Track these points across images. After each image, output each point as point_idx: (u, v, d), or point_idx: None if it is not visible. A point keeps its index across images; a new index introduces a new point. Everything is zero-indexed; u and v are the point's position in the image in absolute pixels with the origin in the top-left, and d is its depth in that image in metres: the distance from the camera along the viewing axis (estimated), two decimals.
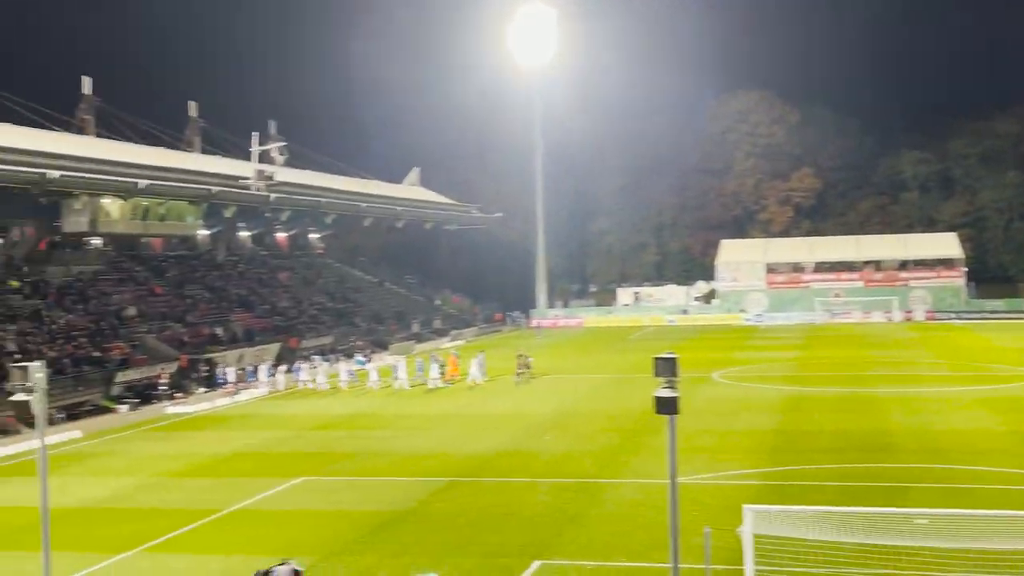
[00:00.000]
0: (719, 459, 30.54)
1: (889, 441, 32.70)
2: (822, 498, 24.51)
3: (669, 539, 15.94)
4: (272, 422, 42.52)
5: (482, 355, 54.22)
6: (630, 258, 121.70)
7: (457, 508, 25.92)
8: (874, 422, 36.39)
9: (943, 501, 24.14)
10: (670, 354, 15.27)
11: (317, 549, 22.52)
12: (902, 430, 34.65)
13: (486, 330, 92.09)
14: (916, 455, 30.23)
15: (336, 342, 70.63)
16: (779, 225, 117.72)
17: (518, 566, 20.74)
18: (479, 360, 52.94)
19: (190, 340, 59.06)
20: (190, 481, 30.89)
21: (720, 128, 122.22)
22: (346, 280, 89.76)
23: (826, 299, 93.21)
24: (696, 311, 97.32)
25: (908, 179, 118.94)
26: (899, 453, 30.70)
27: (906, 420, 36.64)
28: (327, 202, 78.29)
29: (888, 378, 48.95)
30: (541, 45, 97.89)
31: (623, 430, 36.63)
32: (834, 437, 33.78)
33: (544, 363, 55.66)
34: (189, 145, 79.66)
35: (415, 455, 33.58)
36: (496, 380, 52.67)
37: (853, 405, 40.55)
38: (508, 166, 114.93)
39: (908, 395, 42.80)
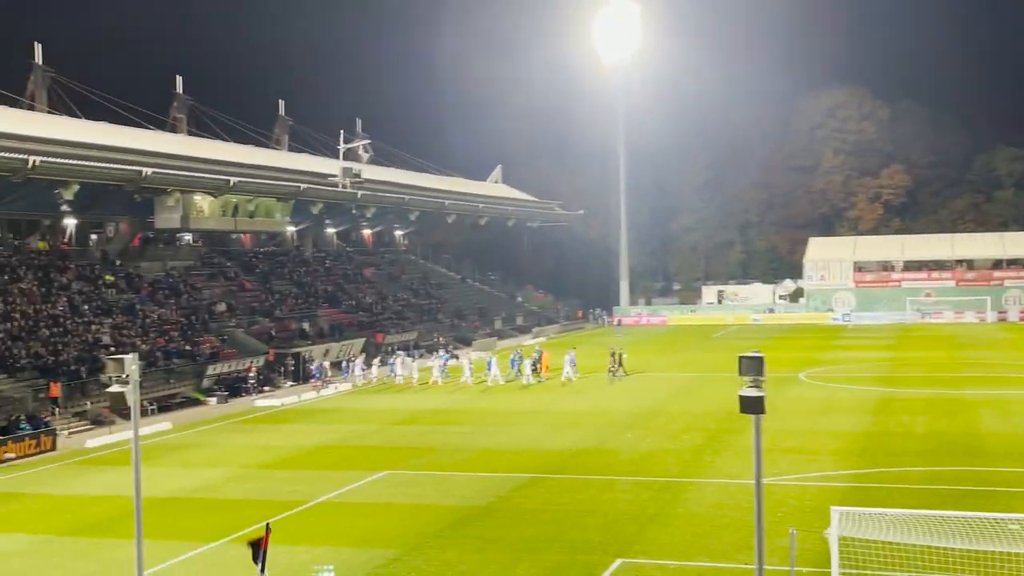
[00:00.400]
0: (805, 460, 30.10)
1: (980, 444, 31.89)
2: (910, 501, 24.05)
3: (754, 540, 15.75)
4: (357, 416, 43.06)
5: (573, 352, 54.14)
6: (714, 256, 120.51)
7: (538, 504, 25.96)
8: (965, 425, 35.52)
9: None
10: (756, 352, 15.09)
11: (399, 542, 22.75)
12: (993, 433, 33.78)
13: (568, 327, 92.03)
14: (1008, 459, 29.44)
15: (419, 338, 71.26)
16: (868, 223, 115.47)
17: (600, 564, 20.70)
18: (570, 357, 52.87)
19: (278, 334, 60.11)
20: (277, 473, 31.45)
21: (808, 124, 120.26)
22: (429, 276, 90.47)
23: (916, 298, 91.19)
24: (782, 310, 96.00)
25: (1003, 176, 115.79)
26: (990, 457, 29.92)
27: (998, 423, 35.71)
28: (411, 199, 79.02)
29: (980, 380, 47.73)
30: (624, 41, 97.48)
31: (706, 429, 36.31)
32: (924, 439, 33.07)
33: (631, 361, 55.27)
34: (277, 143, 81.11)
35: (497, 450, 33.72)
36: (587, 377, 52.50)
37: (943, 407, 39.62)
38: (590, 163, 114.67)
39: (1000, 398, 41.69)
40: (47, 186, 49.99)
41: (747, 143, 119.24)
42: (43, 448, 37.06)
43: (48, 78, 61.60)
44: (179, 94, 72.13)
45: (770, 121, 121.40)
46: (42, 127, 52.77)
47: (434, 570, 20.68)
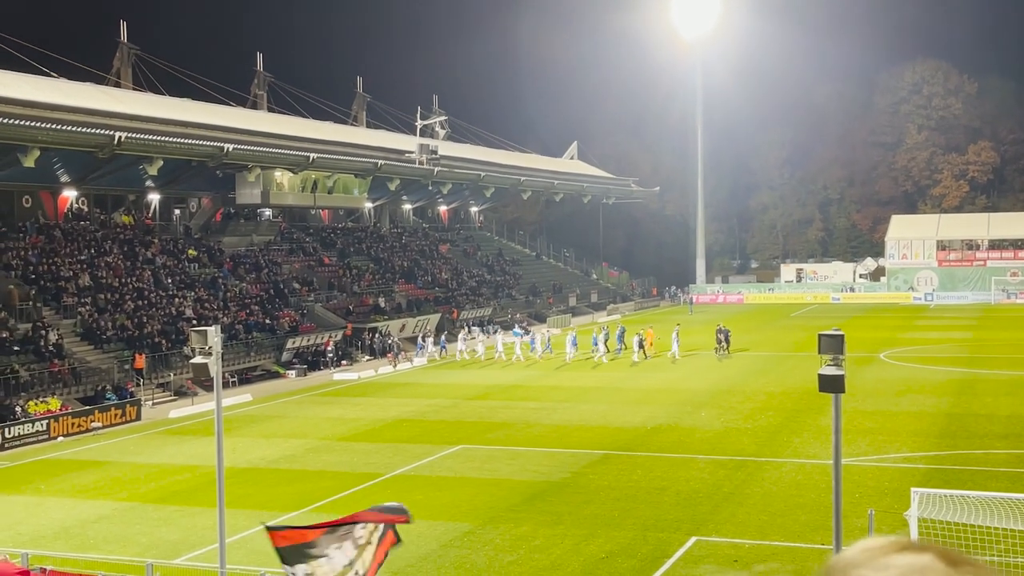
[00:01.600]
0: (885, 441, 29.66)
1: None
2: (993, 484, 23.57)
3: (832, 520, 15.60)
4: (432, 391, 43.45)
5: (677, 328, 53.65)
6: (793, 234, 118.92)
7: (612, 481, 25.99)
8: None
9: None
10: (836, 331, 14.90)
11: (474, 515, 22.96)
12: None
13: (643, 305, 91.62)
14: None
15: (494, 314, 71.54)
16: (953, 200, 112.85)
17: (674, 541, 20.67)
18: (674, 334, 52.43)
19: (355, 309, 60.83)
20: (354, 445, 31.91)
21: (892, 99, 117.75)
22: (504, 253, 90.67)
23: (1002, 278, 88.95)
24: (862, 289, 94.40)
25: None
26: None
27: None
28: (487, 175, 79.16)
29: None
30: (703, 16, 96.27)
31: (783, 409, 35.95)
32: (1007, 422, 32.35)
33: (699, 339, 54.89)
34: (355, 119, 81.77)
35: (570, 427, 33.80)
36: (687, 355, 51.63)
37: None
38: (667, 139, 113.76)
39: None
40: (132, 162, 51.13)
41: (828, 119, 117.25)
42: (128, 418, 38.08)
43: (133, 55, 62.81)
44: (259, 71, 73.08)
45: (851, 97, 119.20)
46: (127, 104, 53.88)
47: (508, 544, 20.84)
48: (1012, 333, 60.72)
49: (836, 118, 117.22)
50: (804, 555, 19.65)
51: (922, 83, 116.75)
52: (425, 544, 20.92)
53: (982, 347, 54.16)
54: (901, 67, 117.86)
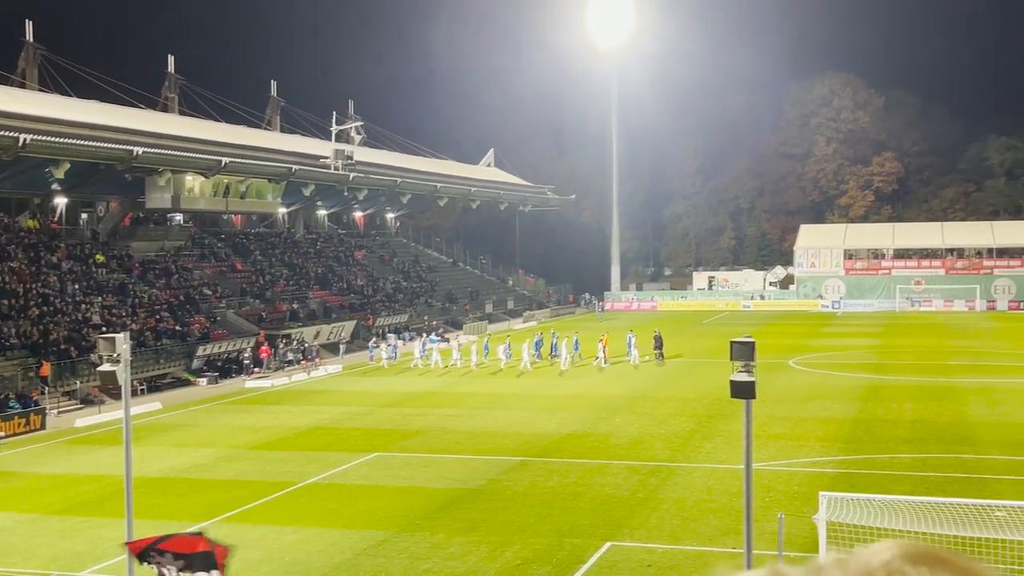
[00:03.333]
0: (794, 446, 30.24)
1: (968, 432, 32.06)
2: (899, 487, 24.19)
3: (743, 524, 15.83)
4: (347, 398, 43.08)
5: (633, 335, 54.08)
6: (706, 242, 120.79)
7: (527, 487, 26.04)
8: (953, 412, 35.70)
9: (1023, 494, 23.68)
10: (747, 338, 15.15)
11: (389, 524, 22.81)
12: (982, 421, 33.96)
13: (558, 312, 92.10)
14: (996, 447, 29.61)
15: (410, 321, 71.27)
16: (859, 210, 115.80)
17: (589, 547, 20.79)
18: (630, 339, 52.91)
19: (268, 316, 60.07)
20: (267, 453, 31.47)
21: (802, 112, 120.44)
22: (420, 259, 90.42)
23: (906, 287, 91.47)
24: (772, 297, 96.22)
25: (994, 166, 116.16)
26: (978, 444, 30.09)
27: (986, 411, 35.90)
28: (403, 182, 78.83)
29: (969, 368, 47.95)
30: (618, 25, 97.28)
31: (696, 414, 36.43)
32: (912, 427, 33.23)
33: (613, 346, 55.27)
34: (269, 124, 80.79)
35: (486, 434, 33.79)
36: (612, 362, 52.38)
37: (932, 395, 39.80)
38: (583, 148, 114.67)
39: (989, 386, 41.90)
40: (37, 164, 49.83)
41: (740, 130, 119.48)
42: (32, 427, 37.04)
43: (39, 56, 61.22)
44: (171, 73, 71.77)
45: (763, 108, 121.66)
46: (33, 105, 52.44)
47: (423, 552, 20.75)
48: (916, 340, 62.42)
49: (748, 129, 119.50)
50: (715, 559, 19.90)
51: (831, 96, 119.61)
52: (339, 553, 20.72)
53: (887, 353, 55.57)
54: (811, 80, 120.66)
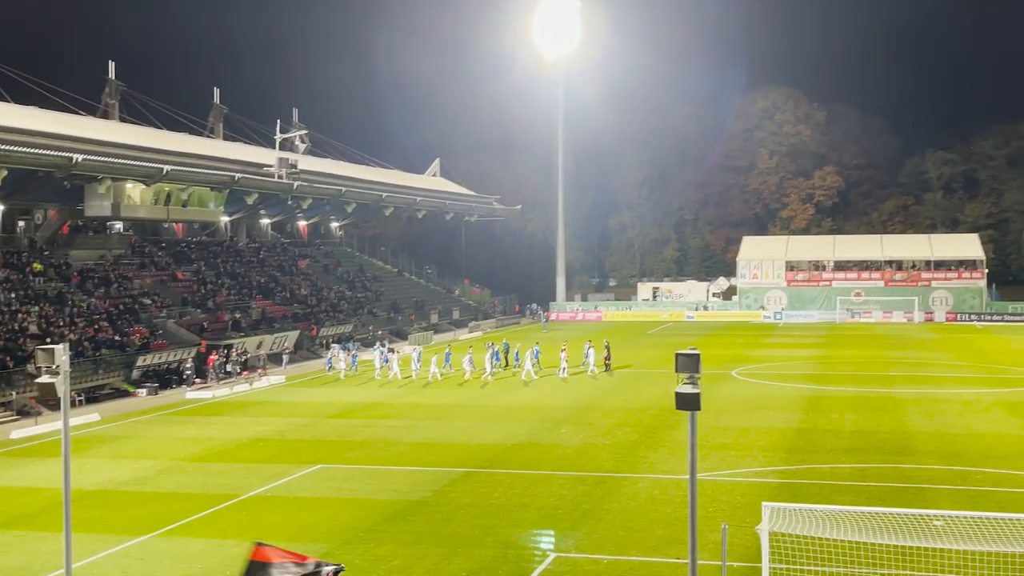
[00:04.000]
0: (737, 456, 30.48)
1: (908, 442, 32.55)
2: (840, 497, 24.47)
3: (688, 535, 15.91)
4: (290, 409, 42.67)
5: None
6: (650, 253, 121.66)
7: (473, 499, 25.96)
8: (893, 423, 36.23)
9: (961, 503, 24.08)
10: (692, 350, 15.23)
11: (332, 536, 22.60)
12: (921, 431, 34.49)
13: (504, 322, 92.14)
14: (935, 457, 30.09)
15: (355, 331, 70.85)
16: (801, 223, 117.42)
17: (533, 558, 20.76)
18: (587, 348, 53.09)
19: (210, 326, 59.35)
20: (208, 466, 31.05)
21: (745, 125, 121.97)
22: (365, 269, 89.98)
23: (846, 298, 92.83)
24: (715, 308, 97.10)
25: (932, 179, 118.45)
26: (918, 454, 30.56)
27: (925, 421, 36.47)
28: (348, 191, 78.45)
29: (908, 379, 48.74)
30: (565, 36, 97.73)
31: (641, 425, 36.59)
32: (853, 437, 33.66)
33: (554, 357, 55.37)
34: (212, 131, 79.99)
35: (431, 445, 33.65)
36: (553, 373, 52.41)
37: (872, 405, 40.38)
38: (530, 158, 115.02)
39: (928, 396, 42.60)
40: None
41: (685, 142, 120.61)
42: None
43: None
44: (111, 80, 70.80)
45: (708, 121, 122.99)
46: None
47: (367, 565, 20.58)
48: (856, 351, 63.31)
49: (692, 141, 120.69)
50: (660, 570, 19.97)
51: (774, 110, 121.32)
52: None
53: (828, 364, 56.30)
54: (755, 94, 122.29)
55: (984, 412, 38.43)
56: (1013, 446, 31.67)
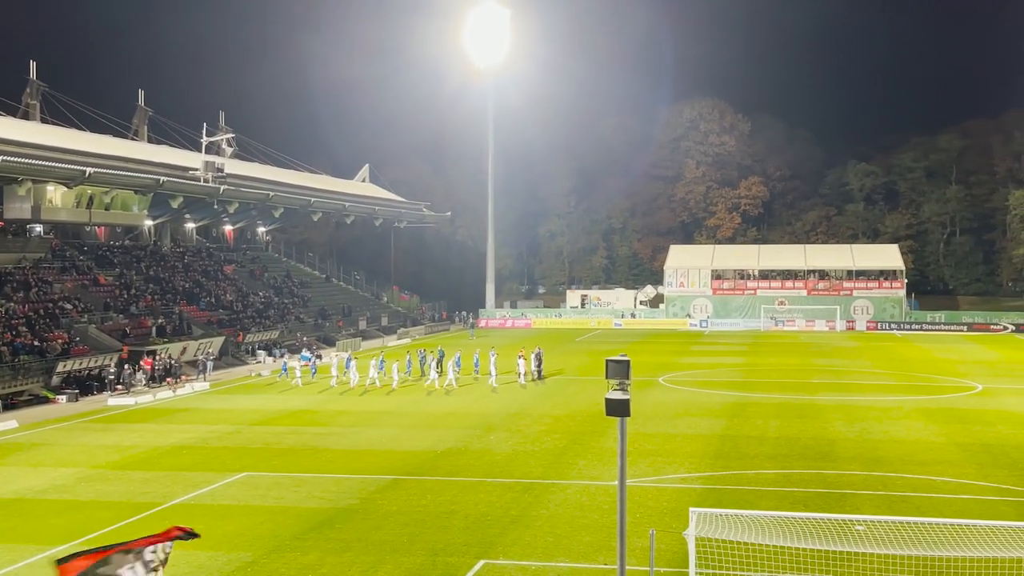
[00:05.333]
0: (664, 462, 30.74)
1: (830, 448, 33.11)
2: (765, 503, 24.82)
3: (616, 541, 16.00)
4: (215, 416, 42.06)
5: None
6: (579, 261, 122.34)
7: (400, 506, 25.82)
8: (816, 429, 36.84)
9: (881, 508, 24.57)
10: (622, 356, 15.33)
11: (258, 545, 22.31)
12: (843, 438, 35.12)
13: (433, 329, 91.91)
14: (856, 462, 30.65)
15: (281, 337, 70.11)
16: (727, 232, 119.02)
17: (462, 565, 20.71)
18: (536, 354, 53.00)
19: (132, 331, 58.27)
20: (131, 474, 30.45)
21: (673, 135, 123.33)
22: (293, 275, 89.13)
23: (771, 306, 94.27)
24: (643, 315, 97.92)
25: (854, 191, 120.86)
26: (840, 460, 31.10)
27: (847, 428, 37.14)
28: (276, 195, 77.59)
29: (830, 386, 49.61)
30: (495, 45, 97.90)
31: (569, 432, 36.73)
32: (777, 443, 34.15)
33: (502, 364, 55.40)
34: (136, 134, 78.61)
35: (359, 452, 33.41)
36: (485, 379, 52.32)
37: (796, 412, 41.02)
38: (460, 166, 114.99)
39: (849, 403, 43.41)
40: None
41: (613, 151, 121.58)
42: None
43: None
44: (32, 80, 69.24)
45: (635, 130, 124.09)
46: None
47: (294, 573, 20.34)
48: (780, 359, 64.31)
49: (620, 150, 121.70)
50: (587, 575, 20.05)
51: (699, 120, 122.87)
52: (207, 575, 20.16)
53: (752, 372, 57.09)
54: (681, 104, 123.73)
55: (903, 419, 39.27)
56: (931, 452, 32.40)
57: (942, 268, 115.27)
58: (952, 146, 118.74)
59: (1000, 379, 52.29)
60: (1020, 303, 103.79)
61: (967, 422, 38.23)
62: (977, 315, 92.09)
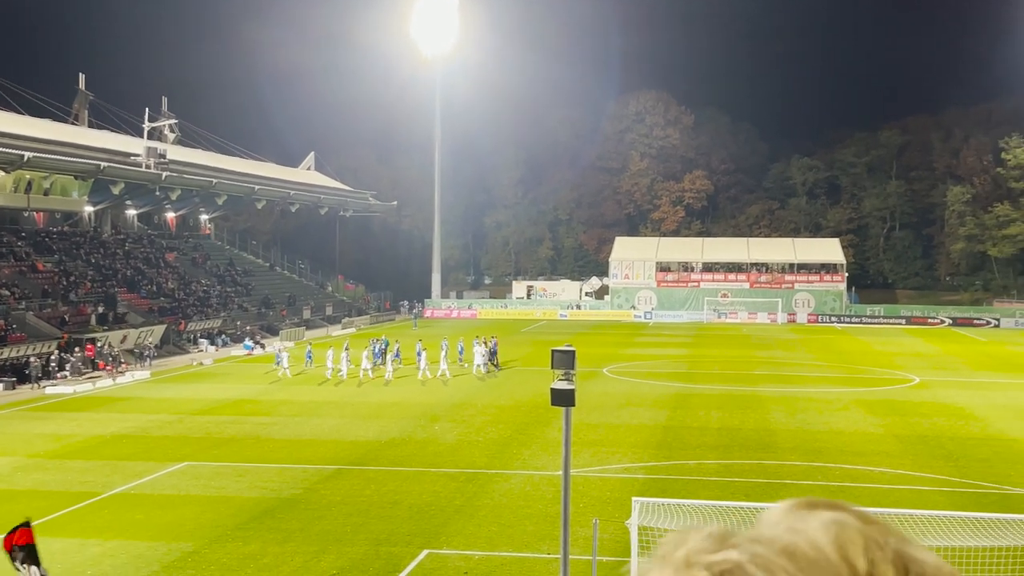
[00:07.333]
0: (607, 452, 30.94)
1: (771, 439, 33.54)
2: (706, 493, 25.08)
3: (560, 530, 16.06)
4: (155, 405, 41.55)
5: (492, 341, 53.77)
6: (525, 252, 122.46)
7: (344, 496, 25.72)
8: (757, 420, 37.29)
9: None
10: (568, 347, 15.39)
11: (199, 535, 22.10)
12: (784, 429, 35.59)
13: (379, 318, 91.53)
14: (796, 453, 31.09)
15: (224, 325, 69.41)
16: (671, 225, 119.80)
17: (405, 555, 20.69)
18: (490, 347, 52.62)
19: (72, 319, 57.34)
20: (69, 463, 30.00)
21: (618, 127, 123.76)
22: (236, 263, 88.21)
23: (714, 299, 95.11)
24: (588, 307, 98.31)
25: (797, 185, 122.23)
26: (780, 451, 31.52)
27: (787, 419, 37.64)
28: (219, 183, 76.72)
29: (771, 378, 50.23)
30: (443, 34, 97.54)
31: (513, 422, 36.81)
32: (719, 434, 34.52)
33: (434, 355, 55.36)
34: (76, 118, 77.28)
35: (301, 441, 33.21)
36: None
37: (737, 403, 41.48)
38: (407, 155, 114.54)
39: (790, 395, 43.98)
40: None
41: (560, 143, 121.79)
42: None
43: None
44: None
45: (582, 122, 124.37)
46: None
47: (235, 563, 20.19)
48: (722, 350, 64.96)
49: (567, 142, 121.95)
50: (531, 565, 20.14)
51: (644, 113, 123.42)
52: (146, 566, 19.93)
53: (695, 363, 57.62)
54: (627, 96, 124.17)
55: (843, 410, 39.88)
56: (869, 443, 32.95)
57: (882, 262, 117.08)
58: (893, 142, 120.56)
59: (937, 372, 53.29)
60: (957, 297, 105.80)
61: (904, 414, 38.93)
62: (915, 309, 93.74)
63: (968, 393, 44.79)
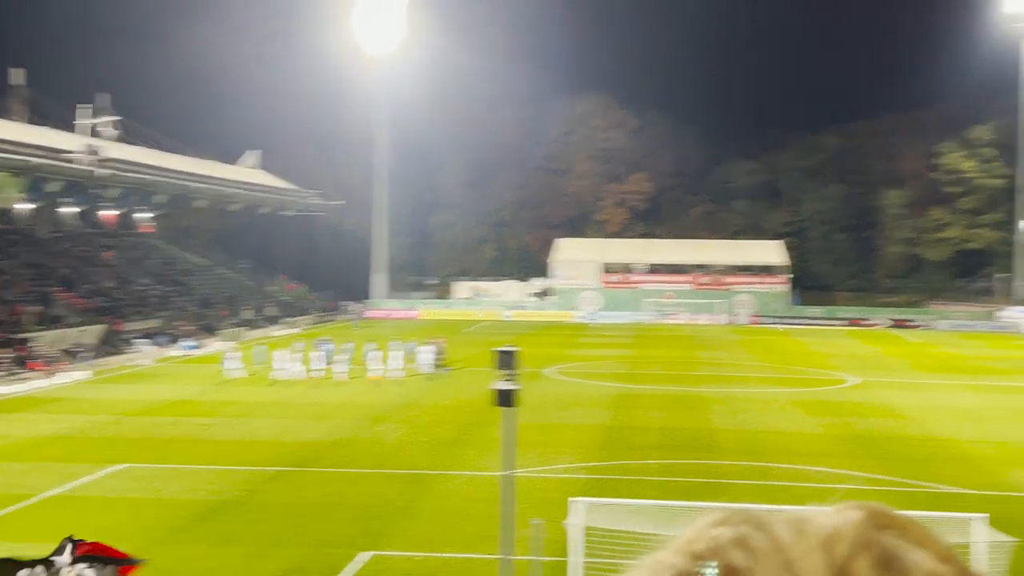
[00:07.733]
0: (550, 453, 30.97)
1: (712, 439, 33.84)
2: (649, 492, 25.22)
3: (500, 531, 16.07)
4: (92, 406, 40.84)
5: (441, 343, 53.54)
6: (470, 252, 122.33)
7: (285, 498, 25.49)
8: (698, 420, 37.60)
9: (761, 497, 25.16)
10: (511, 347, 15.39)
11: (137, 538, 21.73)
12: (724, 429, 35.93)
13: (322, 319, 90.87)
14: (737, 453, 31.39)
15: (163, 326, 68.45)
16: (615, 226, 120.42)
17: (346, 557, 20.55)
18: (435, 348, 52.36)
19: (6, 319, 56.19)
20: (2, 465, 29.38)
21: (563, 129, 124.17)
22: (176, 262, 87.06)
23: (657, 300, 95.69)
24: (531, 308, 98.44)
25: (738, 188, 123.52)
26: (721, 451, 31.81)
27: (728, 419, 38.01)
28: (158, 181, 75.67)
29: (712, 378, 50.67)
30: (388, 32, 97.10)
31: (456, 422, 36.74)
32: (660, 434, 34.74)
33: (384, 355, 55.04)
34: (12, 114, 75.78)
35: (242, 443, 32.86)
36: None
37: (679, 403, 41.79)
38: (352, 154, 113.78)
39: (731, 395, 44.40)
40: None
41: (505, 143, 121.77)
42: None
43: None
44: None
45: (529, 123, 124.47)
46: None
47: (174, 567, 19.91)
48: (665, 351, 65.42)
49: (513, 143, 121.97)
50: (473, 566, 20.11)
51: (588, 115, 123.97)
52: None
53: (638, 364, 57.95)
54: (572, 98, 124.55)
55: (782, 410, 40.35)
56: (809, 443, 33.37)
57: (822, 264, 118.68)
58: (832, 146, 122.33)
59: (875, 373, 54.11)
60: (894, 299, 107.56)
61: (842, 414, 39.49)
62: (854, 310, 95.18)
63: (905, 394, 45.55)
